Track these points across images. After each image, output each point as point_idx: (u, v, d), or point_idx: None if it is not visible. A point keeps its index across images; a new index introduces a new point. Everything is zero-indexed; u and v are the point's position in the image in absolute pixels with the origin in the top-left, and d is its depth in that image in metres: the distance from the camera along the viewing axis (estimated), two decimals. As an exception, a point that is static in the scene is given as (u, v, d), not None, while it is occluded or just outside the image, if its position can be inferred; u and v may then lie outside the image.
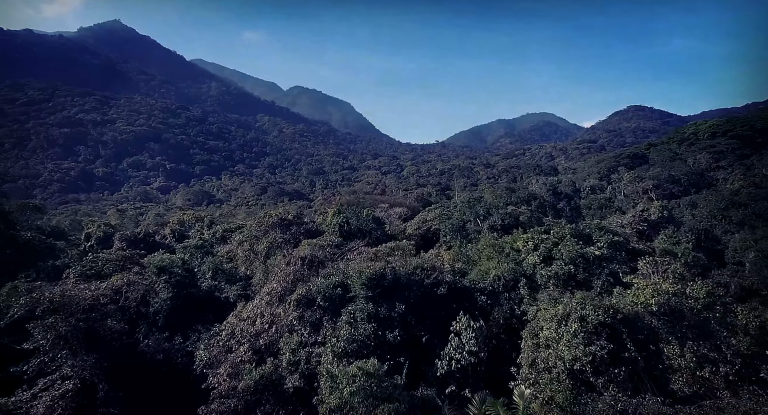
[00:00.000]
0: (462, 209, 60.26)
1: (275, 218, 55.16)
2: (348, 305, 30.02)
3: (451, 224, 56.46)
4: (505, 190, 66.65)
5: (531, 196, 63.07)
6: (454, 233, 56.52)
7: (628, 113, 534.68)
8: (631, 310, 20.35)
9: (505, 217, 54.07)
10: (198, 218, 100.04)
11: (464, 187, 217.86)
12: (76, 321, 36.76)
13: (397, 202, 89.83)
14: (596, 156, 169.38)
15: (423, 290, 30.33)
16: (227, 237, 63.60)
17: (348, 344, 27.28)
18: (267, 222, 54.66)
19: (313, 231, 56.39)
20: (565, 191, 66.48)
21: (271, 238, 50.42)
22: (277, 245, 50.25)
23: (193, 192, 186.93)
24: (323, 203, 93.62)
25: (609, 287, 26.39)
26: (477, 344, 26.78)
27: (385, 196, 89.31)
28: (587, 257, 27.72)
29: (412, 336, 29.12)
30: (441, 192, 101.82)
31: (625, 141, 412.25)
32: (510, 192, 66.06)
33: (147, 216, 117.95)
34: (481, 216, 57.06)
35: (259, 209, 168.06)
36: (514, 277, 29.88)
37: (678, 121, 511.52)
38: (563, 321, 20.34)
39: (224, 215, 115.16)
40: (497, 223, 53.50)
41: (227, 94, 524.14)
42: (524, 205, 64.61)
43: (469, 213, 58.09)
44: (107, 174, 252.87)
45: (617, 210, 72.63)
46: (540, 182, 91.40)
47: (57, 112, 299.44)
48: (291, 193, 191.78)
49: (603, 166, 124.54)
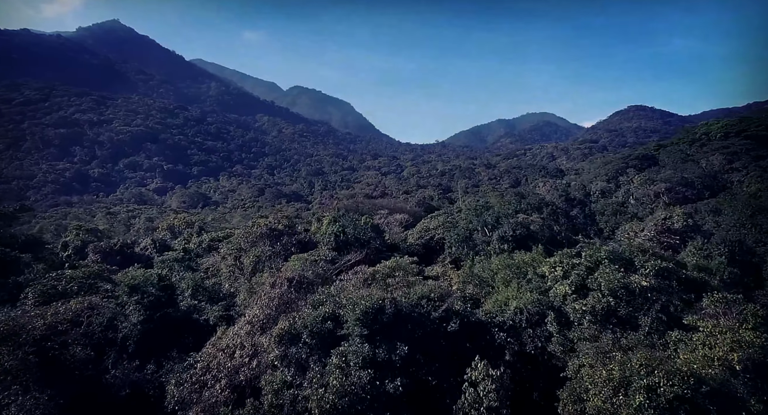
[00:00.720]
0: (468, 217, 54.90)
1: (264, 228, 49.82)
2: (340, 344, 24.70)
3: (457, 234, 51.13)
4: (513, 196, 61.20)
5: (542, 203, 57.67)
6: (460, 244, 51.22)
7: (628, 113, 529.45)
8: (714, 375, 15.12)
9: (516, 227, 48.70)
10: (188, 222, 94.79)
11: (466, 188, 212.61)
12: (26, 353, 31.53)
13: (398, 207, 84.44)
14: (601, 157, 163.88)
15: (430, 326, 24.99)
16: (214, 247, 58.35)
17: (339, 397, 21.93)
18: (255, 232, 49.31)
19: (306, 242, 51.07)
20: (576, 196, 61.08)
21: (259, 250, 45.08)
22: (266, 258, 44.95)
23: (188, 194, 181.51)
24: (320, 208, 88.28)
25: (661, 326, 21.12)
26: (498, 398, 21.40)
27: (385, 200, 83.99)
28: (631, 288, 22.46)
29: (417, 384, 23.76)
30: (443, 195, 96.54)
31: (626, 141, 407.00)
32: (519, 198, 60.65)
33: (138, 220, 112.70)
34: (490, 225, 51.71)
35: (255, 211, 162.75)
36: (539, 310, 24.58)
37: (679, 120, 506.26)
38: (621, 389, 15.10)
39: (217, 219, 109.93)
40: (508, 233, 48.14)
41: (226, 94, 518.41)
42: (535, 212, 59.27)
43: (476, 221, 52.76)
44: (103, 175, 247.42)
45: (633, 217, 67.21)
46: (548, 186, 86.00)
47: (53, 112, 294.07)
48: (289, 195, 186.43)
49: (611, 167, 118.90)
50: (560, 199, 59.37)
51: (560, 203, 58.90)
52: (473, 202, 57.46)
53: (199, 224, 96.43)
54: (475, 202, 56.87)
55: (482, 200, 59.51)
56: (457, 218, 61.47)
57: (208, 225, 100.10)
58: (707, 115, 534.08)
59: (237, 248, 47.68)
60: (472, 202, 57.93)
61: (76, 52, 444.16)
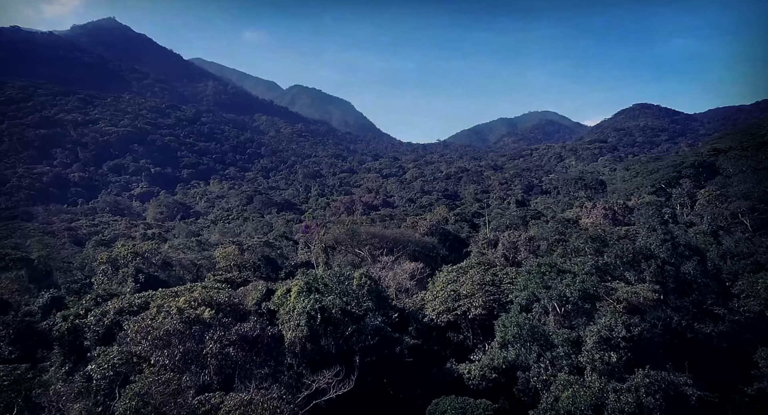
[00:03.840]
0: (527, 285, 32.14)
1: (176, 321, 26.94)
2: None
3: (517, 324, 28.27)
4: (588, 241, 38.30)
5: (640, 255, 34.97)
6: (521, 340, 28.48)
7: (634, 111, 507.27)
8: None
9: (615, 324, 26.17)
10: (136, 253, 71.69)
11: (475, 194, 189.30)
12: None
13: (404, 238, 61.67)
14: (638, 162, 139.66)
15: None
16: (123, 322, 35.67)
17: None
18: (159, 329, 26.47)
19: (252, 339, 28.38)
20: (681, 239, 38.27)
21: (147, 383, 22.34)
22: (163, 394, 22.33)
23: (166, 204, 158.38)
24: (302, 236, 65.37)
25: None
26: None
27: (388, 231, 61.19)
28: None
29: None
30: (461, 219, 73.84)
31: (635, 140, 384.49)
32: (600, 244, 37.76)
33: (89, 243, 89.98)
34: (573, 308, 29.08)
35: (240, 224, 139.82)
36: None
37: (685, 119, 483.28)
38: None
39: (182, 244, 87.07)
40: (617, 334, 25.62)
41: (224, 93, 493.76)
42: (629, 269, 36.56)
43: (545, 297, 30.14)
44: (84, 179, 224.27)
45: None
46: (603, 209, 62.64)
47: (36, 112, 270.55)
48: (280, 203, 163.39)
49: (658, 177, 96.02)
50: (663, 248, 36.45)
51: (664, 254, 36.00)
52: (535, 263, 34.50)
53: (152, 250, 73.76)
54: (536, 262, 33.83)
55: (543, 259, 36.48)
56: (500, 274, 38.63)
57: (165, 254, 77.56)
58: (713, 113, 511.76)
59: (113, 372, 24.83)
60: (533, 263, 35.01)
61: (67, 51, 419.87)
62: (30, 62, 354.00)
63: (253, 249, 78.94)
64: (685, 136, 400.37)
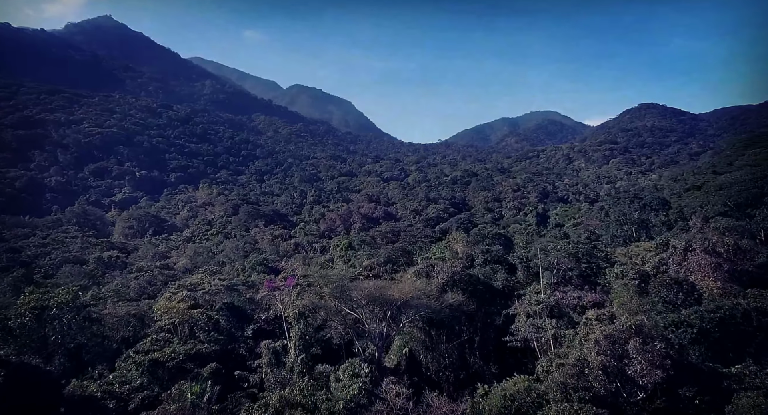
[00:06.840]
0: None
1: None
2: None
3: None
4: None
5: None
6: None
7: (640, 111, 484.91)
8: None
9: None
10: (44, 306, 49.96)
11: (486, 202, 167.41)
12: None
13: (411, 299, 40.20)
14: (691, 173, 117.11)
15: None
16: None
17: None
18: None
19: None
20: None
21: None
22: None
23: (136, 217, 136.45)
24: (271, 297, 43.24)
25: None
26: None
27: (390, 291, 39.15)
28: None
29: None
30: (492, 260, 51.77)
31: (644, 141, 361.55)
32: None
33: (6, 279, 68.40)
34: None
35: (219, 241, 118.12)
36: None
37: (692, 119, 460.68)
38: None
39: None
40: None
41: (221, 92, 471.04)
42: None
43: None
44: (61, 184, 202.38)
45: None
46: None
47: (17, 111, 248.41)
48: (269, 214, 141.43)
49: (732, 193, 74.11)
50: None
51: None
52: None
53: (69, 305, 52.02)
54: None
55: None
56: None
57: (88, 306, 56.20)
58: (719, 113, 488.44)
59: None
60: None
61: (59, 49, 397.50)
62: (18, 60, 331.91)
63: (211, 296, 57.70)
64: (695, 137, 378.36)
